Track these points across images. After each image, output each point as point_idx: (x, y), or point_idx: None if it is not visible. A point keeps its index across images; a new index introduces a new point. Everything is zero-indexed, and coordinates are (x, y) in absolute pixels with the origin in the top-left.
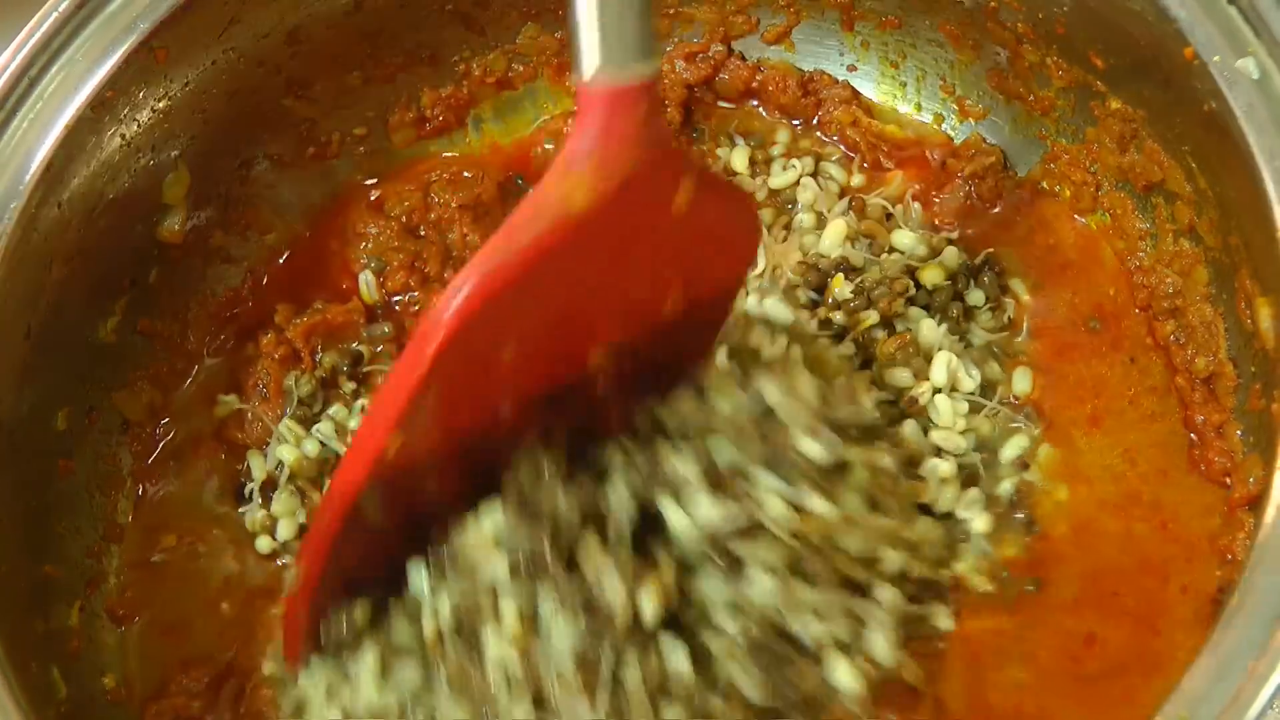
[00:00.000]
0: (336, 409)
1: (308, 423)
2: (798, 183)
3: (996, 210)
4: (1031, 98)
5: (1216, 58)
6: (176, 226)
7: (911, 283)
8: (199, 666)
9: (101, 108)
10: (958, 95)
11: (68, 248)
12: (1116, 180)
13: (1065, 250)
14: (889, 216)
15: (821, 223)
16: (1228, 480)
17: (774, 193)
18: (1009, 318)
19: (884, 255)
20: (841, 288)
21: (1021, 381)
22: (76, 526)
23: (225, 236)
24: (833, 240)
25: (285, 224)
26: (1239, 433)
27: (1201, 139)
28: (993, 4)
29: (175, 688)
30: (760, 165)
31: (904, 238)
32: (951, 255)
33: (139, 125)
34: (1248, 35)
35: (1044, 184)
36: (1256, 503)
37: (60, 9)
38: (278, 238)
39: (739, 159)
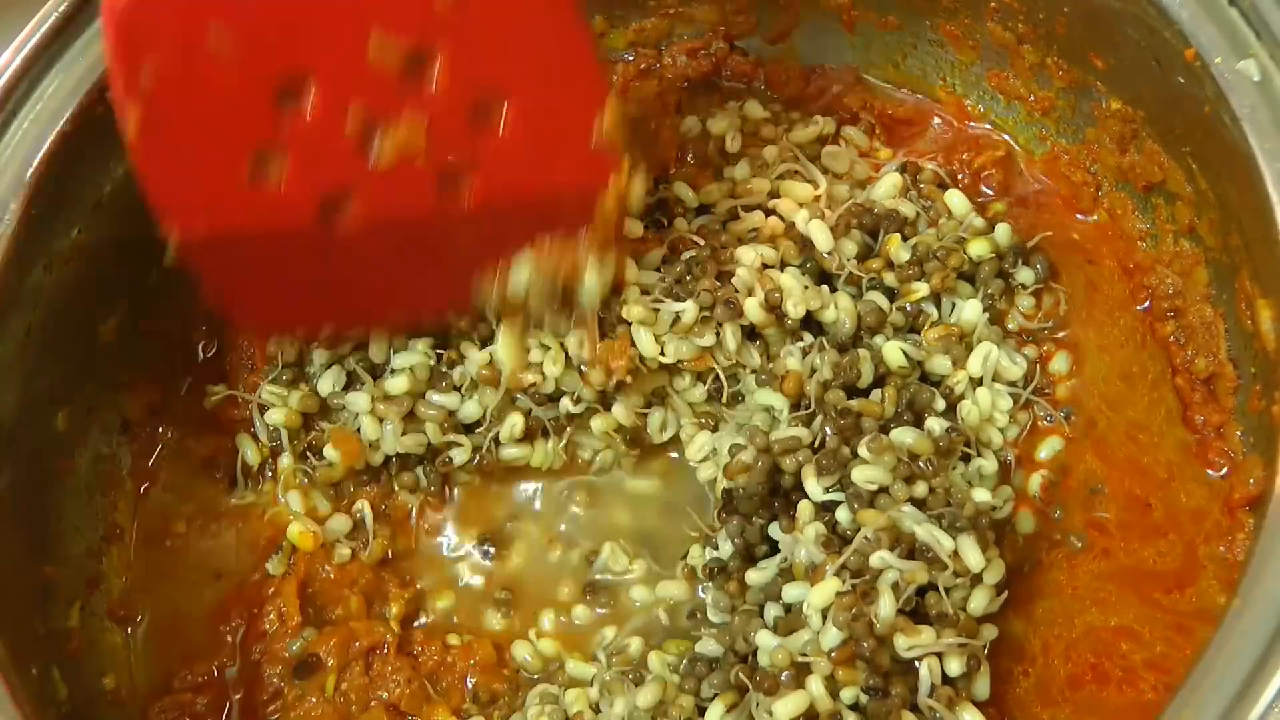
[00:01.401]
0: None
1: (297, 384)
2: (821, 139)
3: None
4: (1032, 98)
5: (1218, 59)
6: None
7: (967, 258)
8: (201, 661)
9: (101, 108)
10: (957, 95)
11: (67, 248)
12: (1116, 180)
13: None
14: (940, 186)
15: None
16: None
17: (799, 147)
18: (1058, 304)
19: (941, 221)
20: (898, 248)
21: (1060, 363)
22: (76, 526)
23: None
24: (886, 189)
25: None
26: (1239, 433)
27: (1202, 140)
28: (993, 4)
29: (179, 683)
30: (782, 121)
31: (957, 200)
32: (1004, 232)
33: None
34: (1249, 37)
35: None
36: (1257, 503)
37: (60, 9)
38: None
39: (754, 108)
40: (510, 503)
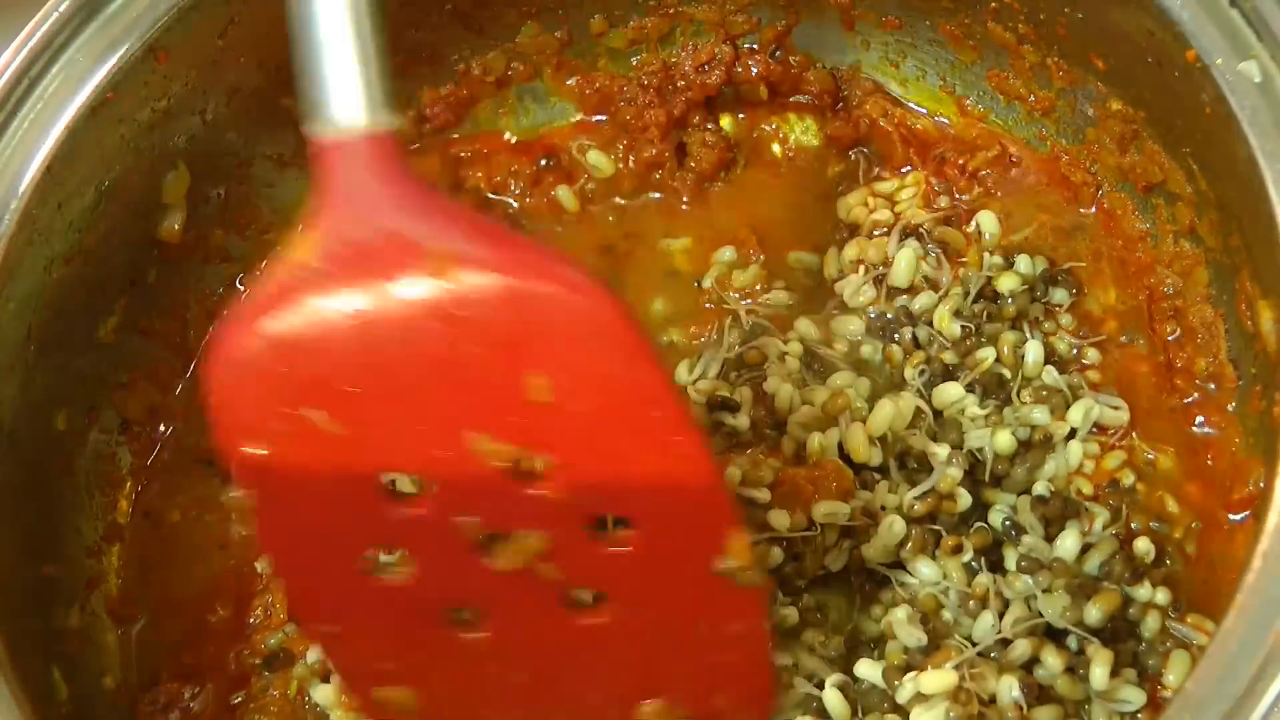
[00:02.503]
0: None
1: None
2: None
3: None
4: (1032, 98)
5: (1219, 60)
6: (176, 226)
7: (1008, 300)
8: (188, 651)
9: (101, 108)
10: (957, 95)
11: (68, 248)
12: (1116, 180)
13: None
14: (947, 221)
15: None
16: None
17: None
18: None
19: (962, 272)
20: (950, 324)
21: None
22: (76, 526)
23: (225, 236)
24: (905, 272)
25: (285, 223)
26: (1239, 435)
27: (1203, 141)
28: (994, 4)
29: (166, 675)
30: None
31: (988, 220)
32: (1025, 262)
33: (139, 125)
34: (1250, 38)
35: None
36: (1256, 505)
37: (60, 9)
38: (278, 236)
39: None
40: None
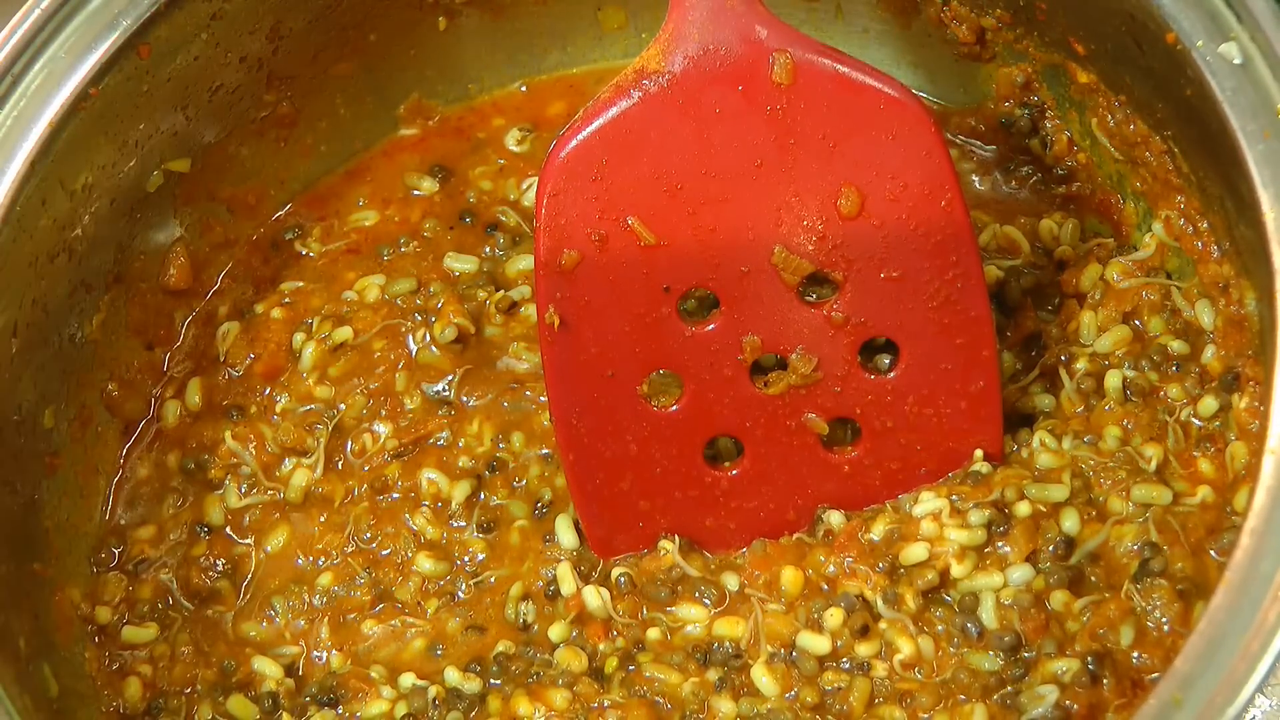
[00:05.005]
0: None
1: None
2: None
3: None
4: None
5: (1200, 43)
6: (162, 222)
7: None
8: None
9: (84, 104)
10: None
11: (53, 245)
12: None
13: None
14: None
15: None
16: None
17: None
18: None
19: None
20: None
21: None
22: (64, 523)
23: (212, 231)
24: None
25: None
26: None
27: (1184, 124)
28: None
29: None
30: None
31: None
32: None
33: (123, 121)
34: (1230, 20)
35: None
36: (1246, 484)
37: (43, 5)
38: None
39: None
40: None
